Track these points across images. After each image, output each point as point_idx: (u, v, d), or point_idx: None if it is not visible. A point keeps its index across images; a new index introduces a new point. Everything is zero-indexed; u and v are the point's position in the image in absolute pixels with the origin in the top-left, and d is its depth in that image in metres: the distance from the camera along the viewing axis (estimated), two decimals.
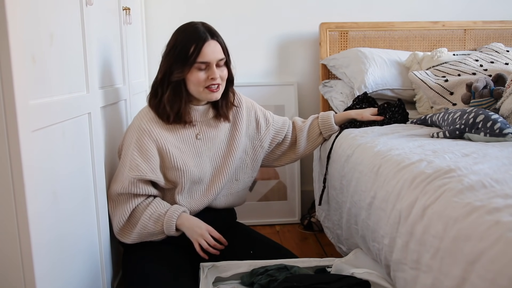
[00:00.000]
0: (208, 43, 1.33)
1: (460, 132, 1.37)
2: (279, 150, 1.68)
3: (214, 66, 1.34)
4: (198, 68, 1.33)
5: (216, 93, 1.38)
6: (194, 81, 1.34)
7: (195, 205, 1.45)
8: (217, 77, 1.35)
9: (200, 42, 1.32)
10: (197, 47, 1.32)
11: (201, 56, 1.32)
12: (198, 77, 1.34)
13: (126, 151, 1.37)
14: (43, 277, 0.91)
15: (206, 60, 1.33)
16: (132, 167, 1.34)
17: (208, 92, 1.36)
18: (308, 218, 2.40)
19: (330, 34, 2.43)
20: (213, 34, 1.36)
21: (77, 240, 1.15)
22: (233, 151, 1.50)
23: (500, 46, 2.18)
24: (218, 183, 1.48)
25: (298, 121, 1.72)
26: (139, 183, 1.35)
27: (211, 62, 1.34)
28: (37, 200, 0.91)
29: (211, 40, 1.34)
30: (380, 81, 2.07)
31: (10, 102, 0.82)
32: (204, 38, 1.33)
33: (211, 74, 1.34)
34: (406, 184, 1.04)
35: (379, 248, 1.13)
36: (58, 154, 1.04)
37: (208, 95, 1.37)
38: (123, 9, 1.77)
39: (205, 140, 1.45)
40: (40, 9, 0.97)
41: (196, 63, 1.32)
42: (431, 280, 0.83)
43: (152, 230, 1.37)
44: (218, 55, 1.35)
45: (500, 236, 0.71)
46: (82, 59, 1.23)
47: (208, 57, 1.33)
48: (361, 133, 1.62)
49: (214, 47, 1.34)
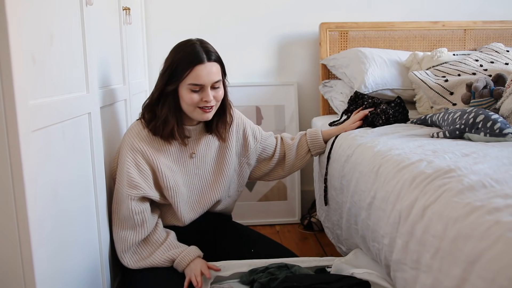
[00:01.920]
0: (204, 66, 1.31)
1: (460, 132, 1.37)
2: (267, 166, 1.66)
3: (209, 88, 1.33)
4: (191, 90, 1.32)
5: (209, 113, 1.36)
6: (188, 101, 1.33)
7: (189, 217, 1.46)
8: (211, 100, 1.33)
9: (195, 64, 1.30)
10: (192, 70, 1.30)
11: (195, 79, 1.31)
12: (192, 98, 1.32)
13: (121, 170, 1.35)
14: (43, 277, 0.91)
15: (200, 83, 1.31)
16: (131, 185, 1.32)
17: (200, 112, 1.35)
18: (308, 218, 2.40)
19: (330, 34, 2.43)
20: (210, 55, 1.33)
21: (77, 240, 1.15)
22: (225, 169, 1.50)
23: (500, 46, 2.18)
24: (209, 199, 1.48)
25: (286, 138, 1.69)
26: (140, 201, 1.34)
27: (205, 85, 1.32)
28: (37, 200, 0.91)
29: (207, 62, 1.31)
30: (380, 81, 2.07)
31: (10, 102, 0.82)
32: (199, 60, 1.30)
33: (205, 96, 1.32)
34: (406, 184, 1.04)
35: (379, 248, 1.13)
36: (58, 154, 1.04)
37: (200, 115, 1.36)
38: (123, 9, 1.77)
39: (196, 158, 1.45)
40: (40, 9, 0.97)
41: (190, 84, 1.31)
42: (431, 280, 0.83)
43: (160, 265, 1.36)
44: (213, 78, 1.33)
45: (500, 236, 0.70)
46: (82, 59, 1.23)
47: (202, 80, 1.31)
48: (361, 133, 1.62)
49: (210, 69, 1.32)
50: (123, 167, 1.34)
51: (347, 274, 1.23)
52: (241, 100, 2.43)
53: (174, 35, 2.43)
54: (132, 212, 1.32)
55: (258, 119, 2.47)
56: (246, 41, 2.48)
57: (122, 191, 1.33)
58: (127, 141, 1.36)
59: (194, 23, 2.44)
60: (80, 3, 1.21)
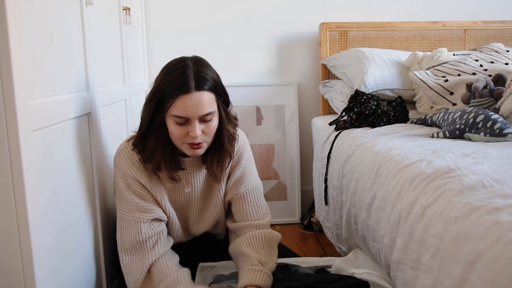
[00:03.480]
0: (190, 96, 1.08)
1: (460, 132, 1.37)
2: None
3: (196, 121, 1.10)
4: (176, 122, 1.11)
5: (198, 150, 1.15)
6: (173, 135, 1.14)
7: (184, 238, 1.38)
8: (197, 135, 1.11)
9: (180, 94, 1.08)
10: (176, 99, 1.08)
11: (178, 110, 1.09)
12: (176, 131, 1.12)
13: (120, 197, 1.22)
14: (43, 277, 0.91)
15: (183, 116, 1.09)
16: (133, 210, 1.20)
17: (188, 148, 1.15)
18: (308, 218, 2.40)
19: (330, 34, 2.43)
20: (201, 82, 1.09)
21: (77, 240, 1.15)
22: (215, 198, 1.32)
23: (500, 46, 2.18)
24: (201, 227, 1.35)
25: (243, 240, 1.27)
26: (145, 223, 1.20)
27: (191, 118, 1.10)
28: (37, 200, 0.91)
29: (194, 92, 1.08)
30: (380, 81, 2.07)
31: (10, 102, 0.82)
32: (185, 89, 1.08)
33: (191, 131, 1.11)
34: (406, 184, 1.04)
35: (379, 248, 1.13)
36: (58, 154, 1.04)
37: (188, 151, 1.16)
38: (123, 9, 1.77)
39: (189, 191, 1.29)
40: (40, 9, 0.97)
41: (174, 116, 1.10)
42: (431, 280, 0.83)
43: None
44: (202, 110, 1.10)
45: (500, 236, 0.71)
46: (82, 59, 1.23)
47: (187, 113, 1.09)
48: (361, 133, 1.62)
49: (198, 100, 1.09)
50: (121, 195, 1.21)
51: (347, 274, 1.23)
52: (241, 100, 2.43)
53: (174, 35, 2.44)
54: (143, 235, 1.18)
55: (258, 119, 2.47)
56: (246, 41, 2.48)
57: (126, 218, 1.20)
58: (119, 166, 1.21)
59: (194, 23, 2.44)
60: (80, 3, 1.21)
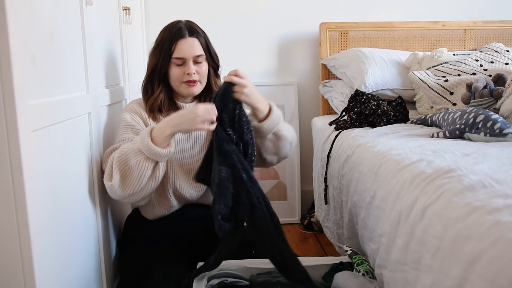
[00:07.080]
0: (185, 40, 1.39)
1: (460, 132, 1.37)
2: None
3: (191, 62, 1.39)
4: (175, 64, 1.39)
5: (193, 88, 1.42)
6: (173, 76, 1.40)
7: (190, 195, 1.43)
8: (193, 73, 1.39)
9: (178, 39, 1.38)
10: (175, 44, 1.38)
11: (177, 52, 1.38)
12: (176, 72, 1.40)
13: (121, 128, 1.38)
14: (43, 277, 0.91)
15: (181, 56, 1.38)
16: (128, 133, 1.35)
17: (185, 87, 1.41)
18: (308, 218, 2.40)
19: (330, 34, 2.43)
20: (192, 32, 1.41)
21: (77, 239, 1.15)
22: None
23: (500, 46, 2.18)
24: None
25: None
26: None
27: (187, 58, 1.38)
28: (37, 200, 0.90)
29: (188, 37, 1.39)
30: (380, 81, 2.07)
31: (10, 102, 0.82)
32: (181, 35, 1.39)
33: (187, 69, 1.39)
34: (406, 184, 1.04)
35: (375, 248, 1.13)
36: (58, 154, 1.04)
37: (186, 90, 1.42)
38: (123, 9, 1.77)
39: (190, 136, 1.45)
40: (40, 9, 0.97)
41: (173, 58, 1.39)
42: (431, 280, 0.83)
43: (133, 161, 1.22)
44: (194, 52, 1.40)
45: (500, 236, 0.70)
46: (82, 59, 1.23)
47: (183, 53, 1.38)
48: (361, 133, 1.62)
49: (191, 43, 1.39)
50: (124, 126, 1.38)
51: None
52: None
53: None
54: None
55: None
56: (246, 41, 2.48)
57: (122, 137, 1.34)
58: (129, 106, 1.43)
59: None
60: (80, 3, 1.21)
